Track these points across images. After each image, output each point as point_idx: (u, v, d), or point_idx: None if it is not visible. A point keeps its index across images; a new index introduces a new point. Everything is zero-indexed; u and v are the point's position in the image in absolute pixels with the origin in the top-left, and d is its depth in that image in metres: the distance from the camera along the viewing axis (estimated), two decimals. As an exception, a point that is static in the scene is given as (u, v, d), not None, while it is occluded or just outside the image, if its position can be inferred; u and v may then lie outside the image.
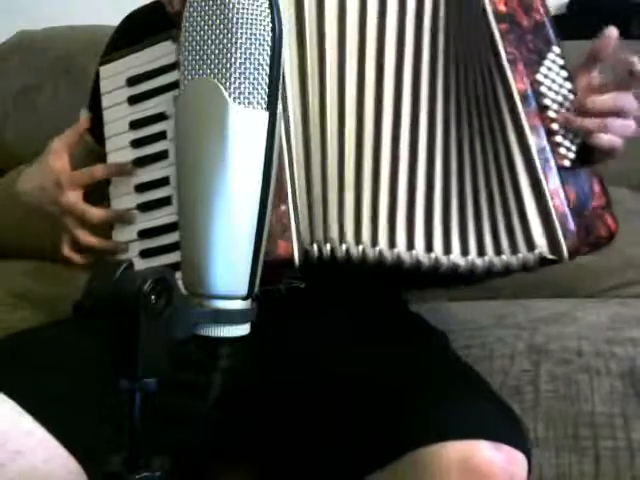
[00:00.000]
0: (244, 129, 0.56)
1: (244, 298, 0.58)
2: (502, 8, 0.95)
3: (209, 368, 0.92)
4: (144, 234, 0.95)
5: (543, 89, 0.94)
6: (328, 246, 0.90)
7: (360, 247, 0.90)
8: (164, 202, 0.94)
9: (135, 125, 0.97)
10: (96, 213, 0.98)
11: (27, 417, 0.79)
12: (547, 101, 0.94)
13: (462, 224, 0.91)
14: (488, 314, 1.28)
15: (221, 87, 0.55)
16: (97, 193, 0.99)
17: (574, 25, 1.93)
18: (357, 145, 0.91)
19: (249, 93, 0.56)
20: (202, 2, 0.57)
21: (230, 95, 0.55)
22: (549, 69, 0.95)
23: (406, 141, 0.91)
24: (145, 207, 0.96)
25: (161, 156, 0.94)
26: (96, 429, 0.80)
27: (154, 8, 1.05)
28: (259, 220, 0.57)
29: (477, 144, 0.92)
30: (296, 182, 0.89)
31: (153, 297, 0.53)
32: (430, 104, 0.92)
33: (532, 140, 0.92)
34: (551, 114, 0.93)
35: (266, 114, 0.57)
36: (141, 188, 0.96)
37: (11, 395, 0.80)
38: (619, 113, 0.92)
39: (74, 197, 0.98)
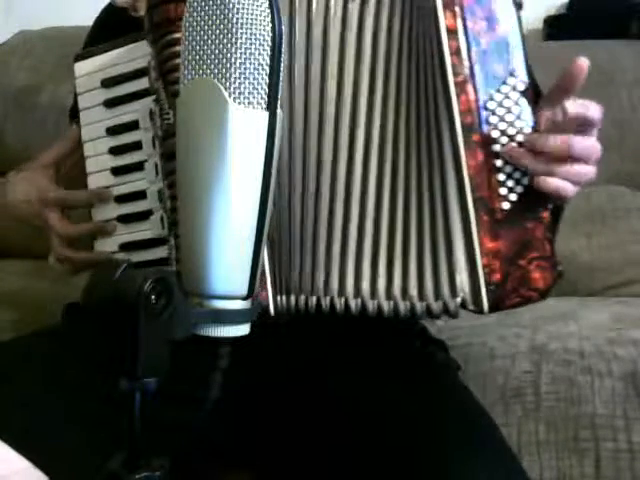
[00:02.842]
0: (244, 129, 0.56)
1: (244, 298, 0.59)
2: (456, 23, 0.85)
3: (209, 368, 0.93)
4: (126, 247, 0.92)
5: (493, 119, 0.85)
6: (314, 298, 0.86)
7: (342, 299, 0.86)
8: (144, 216, 0.90)
9: (111, 131, 0.93)
10: (75, 229, 0.97)
11: None
12: (495, 133, 0.85)
13: (404, 270, 0.86)
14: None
15: (221, 87, 0.55)
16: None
17: (574, 25, 1.94)
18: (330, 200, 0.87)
19: (249, 93, 0.56)
20: (202, 2, 0.57)
21: (230, 95, 0.55)
22: (506, 96, 0.85)
23: (372, 196, 0.87)
24: (125, 219, 0.93)
25: (139, 167, 0.91)
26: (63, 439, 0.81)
27: None
28: (259, 220, 0.57)
29: (424, 187, 0.86)
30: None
31: (153, 297, 0.53)
32: (380, 148, 0.87)
33: (467, 181, 0.85)
34: (497, 148, 0.85)
35: (266, 114, 0.57)
36: (121, 199, 0.93)
37: None
38: (572, 158, 0.83)
39: (53, 219, 0.98)
